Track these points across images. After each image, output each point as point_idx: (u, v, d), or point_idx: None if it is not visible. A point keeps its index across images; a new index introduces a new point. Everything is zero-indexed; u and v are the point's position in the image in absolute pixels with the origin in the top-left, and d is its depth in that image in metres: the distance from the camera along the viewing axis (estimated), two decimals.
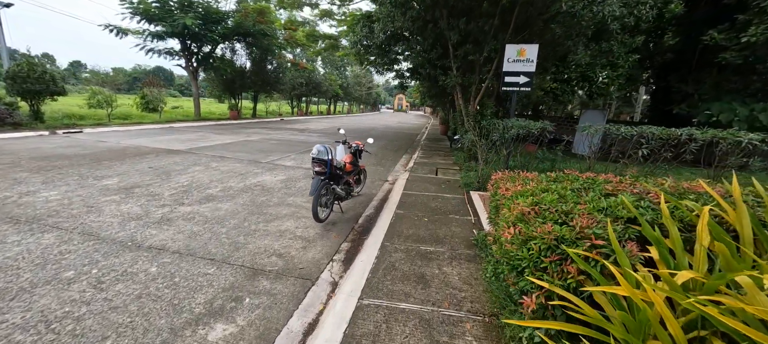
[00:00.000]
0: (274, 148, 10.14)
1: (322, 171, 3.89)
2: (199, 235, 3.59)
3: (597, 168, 5.57)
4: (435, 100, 25.88)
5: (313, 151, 3.86)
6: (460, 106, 8.13)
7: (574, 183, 2.89)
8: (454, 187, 6.10)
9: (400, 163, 8.99)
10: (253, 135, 13.65)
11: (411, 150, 12.17)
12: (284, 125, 20.08)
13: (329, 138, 14.17)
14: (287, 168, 7.41)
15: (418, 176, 6.94)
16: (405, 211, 4.60)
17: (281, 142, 11.71)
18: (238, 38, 20.76)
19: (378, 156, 9.99)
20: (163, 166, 6.69)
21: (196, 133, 13.43)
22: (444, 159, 9.54)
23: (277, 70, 25.40)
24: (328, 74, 39.84)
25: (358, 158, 5.10)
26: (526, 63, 6.31)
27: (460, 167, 8.11)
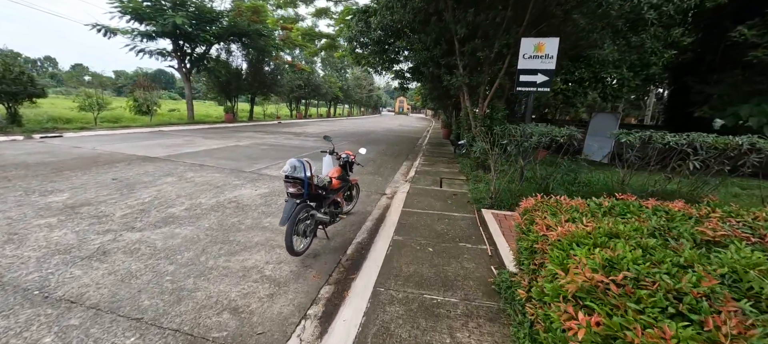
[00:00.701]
0: (263, 155, 9.33)
1: (297, 192, 3.06)
2: (136, 277, 2.76)
3: (632, 181, 4.72)
4: (437, 103, 25.06)
5: (284, 167, 3.02)
6: (467, 109, 7.30)
7: (644, 219, 2.04)
8: (463, 203, 5.25)
9: (400, 172, 8.15)
10: (245, 139, 12.86)
11: (412, 156, 11.33)
12: (280, 129, 19.31)
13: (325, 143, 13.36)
14: (272, 178, 6.59)
15: (420, 188, 6.10)
16: (405, 237, 3.76)
17: (272, 148, 10.90)
18: (233, 39, 20.04)
19: (376, 163, 9.16)
20: (129, 178, 5.87)
21: (185, 137, 12.65)
22: (448, 167, 8.69)
23: (274, 72, 24.68)
24: (328, 76, 39.15)
25: (348, 171, 4.27)
26: (545, 59, 5.49)
27: (466, 177, 7.27)
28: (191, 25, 16.16)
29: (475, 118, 7.10)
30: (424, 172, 7.77)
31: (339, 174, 3.98)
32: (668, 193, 4.54)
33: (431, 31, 6.65)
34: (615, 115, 13.88)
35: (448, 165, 8.97)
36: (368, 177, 7.26)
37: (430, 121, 48.19)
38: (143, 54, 17.55)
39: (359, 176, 7.08)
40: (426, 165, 8.82)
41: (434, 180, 6.81)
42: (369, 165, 8.78)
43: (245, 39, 20.20)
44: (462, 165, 8.54)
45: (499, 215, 4.51)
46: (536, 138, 4.55)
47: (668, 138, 3.97)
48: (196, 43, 17.90)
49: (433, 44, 6.85)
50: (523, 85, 5.60)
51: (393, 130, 24.02)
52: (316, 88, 33.32)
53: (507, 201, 4.87)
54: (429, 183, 6.60)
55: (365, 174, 7.47)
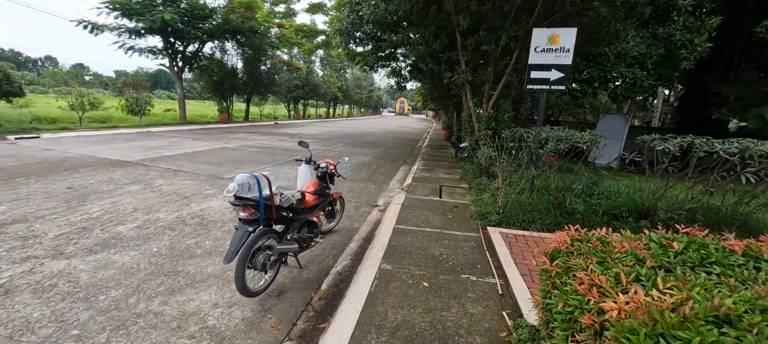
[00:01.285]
0: (250, 158, 8.64)
1: (250, 217, 2.35)
2: (29, 331, 2.07)
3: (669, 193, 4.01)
4: (437, 104, 24.36)
5: (230, 186, 2.30)
6: (470, 110, 6.61)
7: (721, 268, 1.35)
8: (465, 218, 4.55)
9: (395, 179, 7.45)
10: (235, 141, 12.19)
11: (410, 159, 10.64)
12: (276, 129, 18.65)
13: (321, 145, 12.68)
14: None
15: (416, 199, 5.40)
16: (395, 265, 3.06)
17: (262, 150, 10.22)
18: (227, 36, 19.40)
19: (371, 168, 8.47)
20: (88, 186, 5.19)
21: (172, 138, 12.00)
22: (449, 172, 7.99)
23: (270, 71, 24.04)
24: (327, 77, 38.52)
25: (327, 183, 3.58)
26: (560, 53, 4.79)
27: (469, 185, 6.57)
28: (182, 22, 15.52)
29: (479, 120, 6.41)
30: (423, 178, 7.07)
31: (316, 188, 3.29)
32: (711, 211, 3.83)
33: (430, 22, 5.97)
34: (624, 116, 13.17)
35: (449, 170, 8.27)
36: (360, 185, 6.57)
37: (430, 121, 47.51)
38: (132, 52, 16.92)
39: (349, 184, 6.39)
40: (425, 170, 8.12)
41: (433, 189, 6.11)
42: (362, 170, 8.09)
43: (240, 37, 19.57)
44: (464, 170, 7.84)
45: (509, 235, 3.80)
46: (553, 144, 3.85)
47: (717, 146, 3.27)
48: (187, 40, 17.26)
49: (432, 38, 6.17)
50: (535, 82, 4.90)
51: (392, 132, 23.33)
52: (314, 88, 32.68)
53: (517, 217, 4.17)
54: (427, 192, 5.90)
55: (357, 182, 6.77)
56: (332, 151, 11.06)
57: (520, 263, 3.13)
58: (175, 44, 17.61)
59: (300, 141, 3.79)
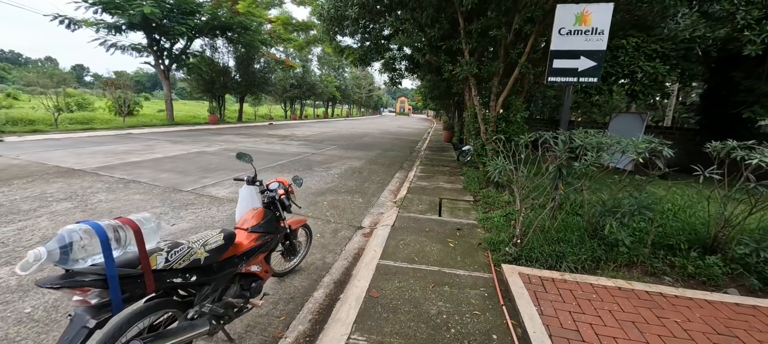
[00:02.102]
0: (225, 164, 7.65)
1: (95, 302, 1.32)
2: None
3: (732, 212, 3.00)
4: (437, 103, 23.32)
5: (39, 252, 1.27)
6: (475, 109, 5.60)
7: None
8: (471, 247, 3.54)
9: (389, 189, 6.45)
10: (217, 144, 11.21)
11: (408, 164, 9.63)
12: (268, 131, 17.67)
13: (310, 147, 11.68)
14: (213, 201, 4.91)
15: (411, 219, 4.39)
16: (370, 337, 2.06)
17: None
18: (216, 33, 18.44)
19: (361, 176, 7.46)
20: (4, 204, 4.21)
21: (148, 141, 11.03)
22: (450, 180, 6.98)
23: (263, 70, 23.08)
24: (325, 76, 37.55)
25: (280, 211, 2.56)
26: (591, 36, 3.79)
27: (473, 197, 5.56)
28: (164, 16, 14.56)
29: (486, 121, 5.39)
30: (420, 189, 6.06)
31: (259, 221, 2.28)
32: None
33: (428, 4, 4.97)
34: (640, 115, 12.09)
35: (450, 177, 7.26)
36: (344, 198, 5.56)
37: (431, 121, 46.50)
38: (114, 49, 15.97)
39: (332, 198, 5.38)
40: (423, 177, 7.11)
41: (431, 204, 5.10)
42: (351, 178, 7.09)
43: (230, 33, 18.61)
44: (467, 178, 6.83)
45: (533, 278, 2.79)
46: (593, 155, 2.83)
47: None
48: (173, 37, 16.30)
49: (429, 22, 5.16)
50: (558, 73, 3.89)
51: (390, 132, 22.32)
52: (311, 87, 31.72)
53: (540, 249, 3.15)
54: (424, 207, 4.89)
55: (342, 194, 5.77)
56: (321, 155, 10.07)
57: (555, 327, 2.13)
58: (160, 41, 16.66)
59: (239, 153, 2.77)
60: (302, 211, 4.63)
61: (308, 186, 6.09)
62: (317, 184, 6.27)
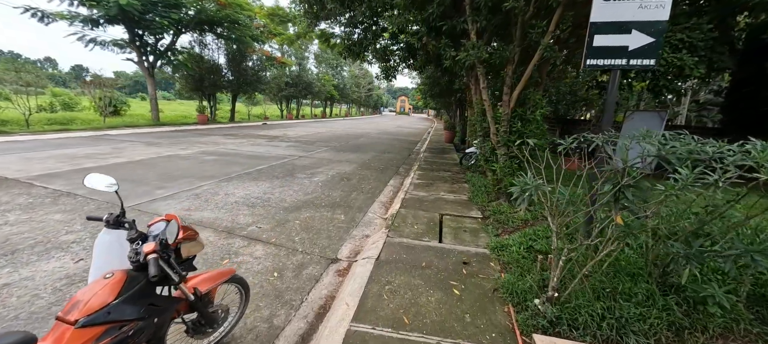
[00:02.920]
0: (192, 171, 6.65)
1: None
2: None
3: None
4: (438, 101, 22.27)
5: None
6: (483, 104, 4.57)
7: None
8: (484, 298, 2.53)
9: (379, 201, 5.43)
10: (196, 146, 10.22)
11: (405, 168, 8.61)
12: (259, 131, 16.68)
13: (298, 150, 10.67)
14: None
15: (402, 247, 3.38)
16: None
17: (219, 159, 8.22)
18: (204, 28, 17.45)
19: (350, 184, 6.45)
20: None
21: (121, 143, 10.06)
22: (452, 189, 5.96)
23: (256, 67, 22.09)
24: (322, 74, 36.54)
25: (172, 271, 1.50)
26: (647, 3, 2.76)
27: (482, 212, 4.54)
28: (145, 9, 13.57)
29: (498, 119, 4.37)
30: (417, 201, 5.04)
31: (114, 297, 1.25)
32: None
33: None
34: (659, 114, 11.02)
35: (453, 184, 6.23)
36: (324, 214, 4.55)
37: (432, 121, 45.46)
38: (94, 45, 14.99)
39: (308, 214, 4.36)
40: (421, 185, 6.09)
41: (430, 223, 4.09)
42: (338, 187, 6.07)
43: (219, 28, 17.62)
44: (473, 187, 5.81)
45: None
46: (689, 172, 1.79)
47: None
48: (156, 31, 15.31)
49: None
50: (601, 53, 2.87)
51: (389, 132, 21.31)
52: (307, 86, 30.72)
53: (587, 307, 2.13)
54: (421, 228, 3.87)
55: (322, 208, 4.75)
56: (309, 159, 9.06)
57: None
58: (144, 36, 15.67)
59: (86, 177, 1.71)
60: (263, 235, 3.63)
61: (281, 199, 5.07)
62: (294, 196, 5.26)
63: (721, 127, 11.88)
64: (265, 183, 5.95)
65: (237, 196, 5.05)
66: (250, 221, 4.04)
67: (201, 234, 2.72)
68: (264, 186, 5.73)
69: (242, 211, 4.37)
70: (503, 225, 4.07)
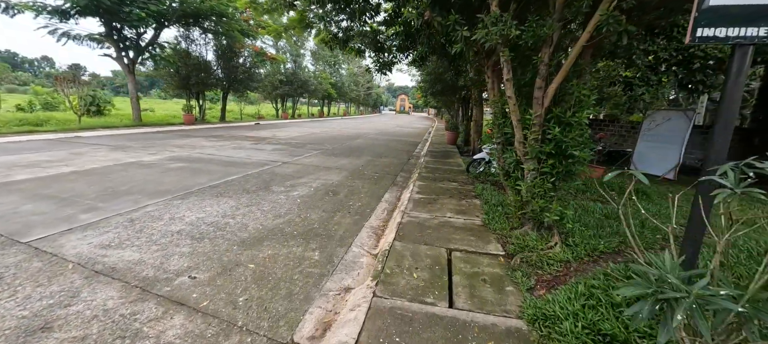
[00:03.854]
0: (144, 186, 5.51)
1: None
2: None
3: None
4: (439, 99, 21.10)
5: None
6: (505, 103, 3.42)
7: None
8: None
9: (369, 225, 4.29)
10: (171, 150, 9.09)
11: (403, 175, 7.47)
12: (248, 132, 15.53)
13: (284, 155, 9.52)
14: (35, 277, 2.76)
15: (396, 316, 2.24)
16: None
17: (185, 167, 7.09)
18: (189, 21, 16.29)
19: (338, 198, 5.31)
20: None
21: (84, 147, 8.93)
22: (461, 207, 4.83)
23: (246, 64, 20.92)
24: (320, 73, 35.37)
25: None
26: None
27: (503, 246, 3.40)
28: (120, 0, 12.41)
29: (526, 123, 3.22)
30: (417, 226, 3.90)
31: None
32: None
33: None
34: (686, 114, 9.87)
35: (461, 200, 5.09)
36: (293, 250, 3.40)
37: (433, 120, 44.32)
38: (66, 39, 13.85)
39: (275, 250, 3.19)
40: (422, 203, 4.95)
41: (435, 267, 2.95)
42: (319, 204, 4.93)
43: (205, 21, 16.47)
44: (488, 207, 4.67)
45: None
46: None
47: None
48: (135, 24, 14.15)
49: None
50: (722, 21, 1.73)
51: (387, 133, 20.16)
52: (303, 84, 29.55)
53: None
54: (423, 279, 2.74)
55: (292, 241, 3.60)
56: (293, 165, 7.92)
57: None
58: (121, 29, 14.51)
59: None
60: (193, 294, 2.49)
61: (242, 226, 3.94)
62: (259, 221, 4.13)
63: (752, 126, 10.72)
64: (230, 201, 4.81)
65: (184, 222, 3.92)
66: (185, 265, 2.91)
67: (99, 294, 1.60)
68: (226, 206, 4.60)
69: (180, 248, 3.24)
70: (536, 270, 2.94)
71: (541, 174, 3.35)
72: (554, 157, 3.21)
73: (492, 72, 3.74)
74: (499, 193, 5.48)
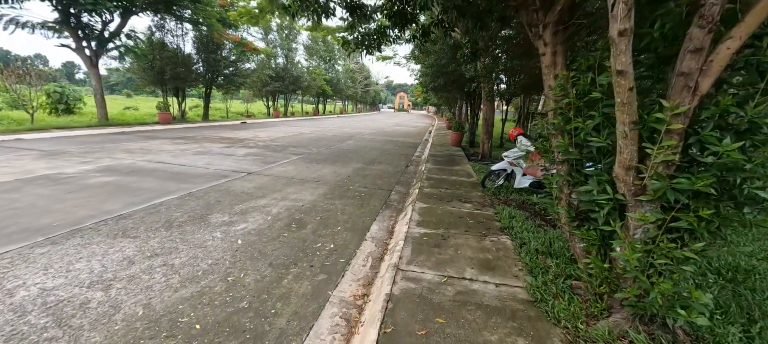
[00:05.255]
0: (17, 217, 3.80)
1: None
2: None
3: None
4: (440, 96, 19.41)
5: None
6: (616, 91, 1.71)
7: None
8: None
9: (338, 298, 2.60)
10: (113, 156, 7.37)
11: (400, 191, 5.77)
12: (227, 132, 13.77)
13: (256, 161, 7.79)
14: None
15: None
16: None
17: (110, 184, 5.37)
18: (160, 8, 14.51)
19: (305, 231, 3.61)
20: None
21: (8, 153, 7.21)
22: (483, 250, 3.16)
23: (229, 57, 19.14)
24: (313, 68, 33.56)
25: None
26: None
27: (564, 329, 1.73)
28: None
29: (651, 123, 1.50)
30: (418, 302, 2.22)
31: None
32: None
33: None
34: None
35: (482, 239, 3.41)
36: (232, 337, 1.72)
37: (432, 118, 42.62)
38: (15, 26, 12.07)
39: None
40: (425, 245, 3.27)
41: None
42: (268, 254, 3.23)
43: (178, 8, 14.70)
44: (526, 253, 2.99)
45: None
46: None
47: None
48: (95, 9, 12.36)
49: None
50: None
51: (384, 133, 18.45)
52: (295, 80, 27.76)
53: None
54: None
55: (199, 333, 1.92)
56: (259, 178, 6.22)
57: None
58: (80, 16, 12.73)
59: None
60: None
61: (113, 306, 2.24)
62: (148, 297, 2.45)
63: None
64: (129, 247, 3.12)
65: (18, 298, 2.22)
66: None
67: None
68: (115, 258, 2.91)
69: None
70: None
71: (666, 230, 1.66)
72: (708, 200, 1.52)
73: (553, 34, 2.07)
74: (535, 225, 3.79)
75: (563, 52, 2.11)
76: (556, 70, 2.12)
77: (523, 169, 5.29)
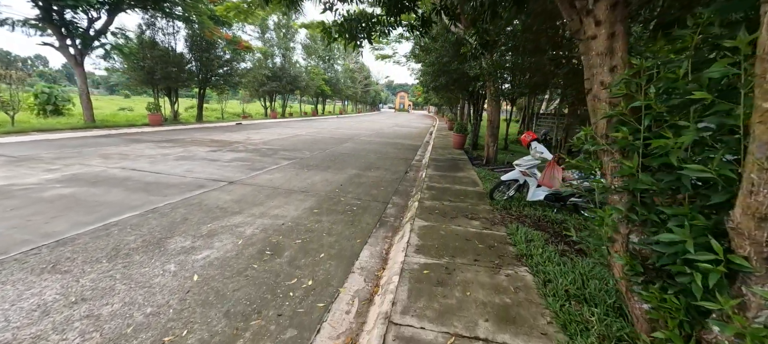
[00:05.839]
0: None
1: None
2: None
3: None
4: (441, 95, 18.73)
5: None
6: (757, 65, 1.05)
7: None
8: None
9: None
10: (87, 162, 6.74)
11: (397, 203, 5.11)
12: (218, 135, 13.13)
13: (242, 167, 7.14)
14: None
15: None
16: None
17: (67, 197, 4.73)
18: (148, 6, 13.89)
19: (280, 260, 2.95)
20: None
21: None
22: (499, 290, 2.52)
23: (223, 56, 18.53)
24: (312, 68, 32.94)
25: None
26: None
27: None
28: None
29: None
30: None
31: None
32: None
33: None
34: None
35: (496, 268, 2.76)
36: None
37: (433, 118, 41.96)
38: None
39: None
40: (426, 280, 2.62)
41: None
42: (222, 300, 2.58)
43: (168, 5, 14.09)
44: (554, 297, 2.33)
45: None
46: None
47: None
48: (80, 5, 11.75)
49: None
50: None
51: (383, 134, 17.79)
52: (292, 79, 27.13)
53: None
54: None
55: None
56: (241, 188, 5.58)
57: None
58: (63, 13, 12.12)
59: None
60: None
61: None
62: None
63: None
64: (50, 290, 2.48)
65: None
66: None
67: None
68: (23, 307, 2.27)
69: None
70: None
71: None
72: None
73: (610, 7, 1.42)
74: (557, 251, 3.13)
75: (624, 35, 1.46)
76: (615, 59, 1.47)
77: (537, 180, 4.62)
